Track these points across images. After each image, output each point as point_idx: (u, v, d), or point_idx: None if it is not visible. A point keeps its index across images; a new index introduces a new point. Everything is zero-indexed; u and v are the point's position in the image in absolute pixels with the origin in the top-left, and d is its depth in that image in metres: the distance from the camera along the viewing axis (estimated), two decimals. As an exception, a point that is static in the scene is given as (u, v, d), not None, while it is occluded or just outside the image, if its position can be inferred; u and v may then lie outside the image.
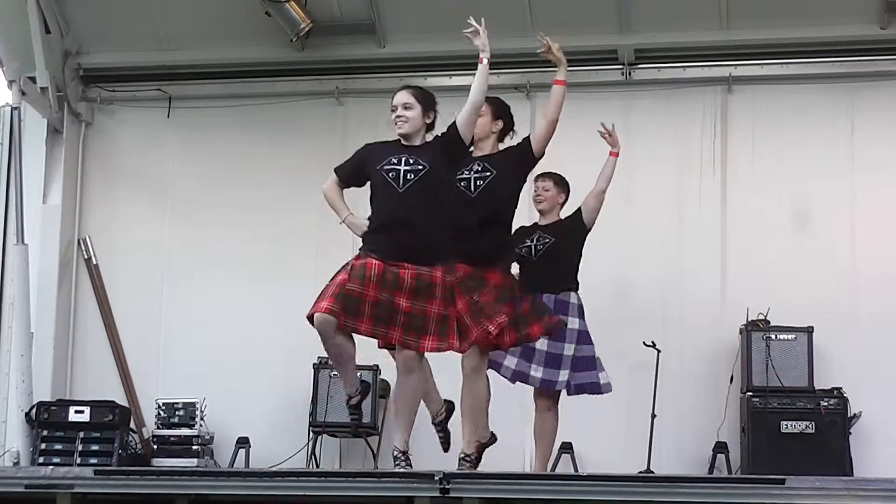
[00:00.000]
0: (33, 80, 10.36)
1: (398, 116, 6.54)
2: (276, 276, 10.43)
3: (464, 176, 6.80)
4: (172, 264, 10.70)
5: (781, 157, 10.09)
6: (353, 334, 6.40)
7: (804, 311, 9.55)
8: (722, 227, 10.08)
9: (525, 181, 7.15)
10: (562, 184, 7.78)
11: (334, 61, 10.57)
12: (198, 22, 10.57)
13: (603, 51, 10.34)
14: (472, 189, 6.77)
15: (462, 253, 6.56)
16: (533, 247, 7.49)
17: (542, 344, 7.21)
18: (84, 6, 10.65)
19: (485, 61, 6.56)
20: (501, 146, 7.09)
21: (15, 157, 10.32)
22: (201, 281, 10.58)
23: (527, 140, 7.02)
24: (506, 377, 7.31)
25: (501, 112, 7.12)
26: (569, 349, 7.34)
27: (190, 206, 10.76)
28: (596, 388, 7.44)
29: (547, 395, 7.42)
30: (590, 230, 7.73)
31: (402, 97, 6.58)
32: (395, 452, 6.50)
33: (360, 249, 6.48)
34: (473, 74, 10.41)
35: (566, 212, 7.87)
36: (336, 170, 6.69)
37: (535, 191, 7.58)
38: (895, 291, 9.70)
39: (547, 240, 7.50)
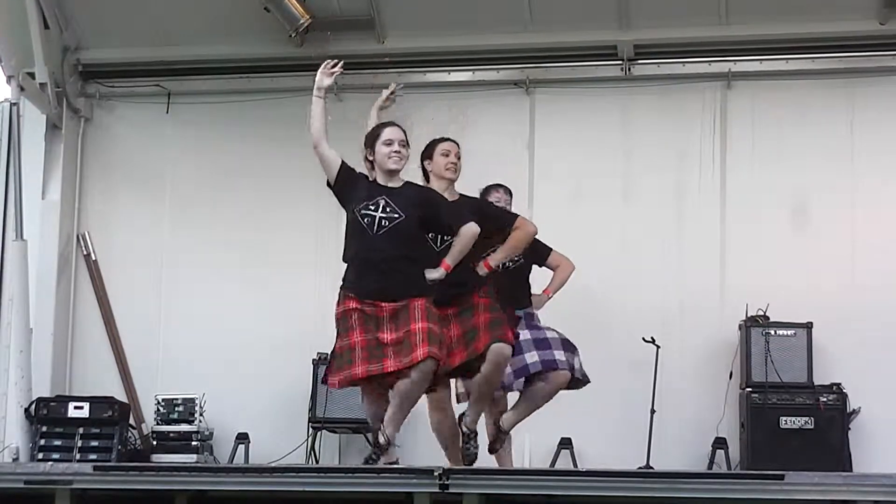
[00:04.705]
0: (32, 75, 10.35)
1: (396, 152, 6.50)
2: (276, 271, 10.44)
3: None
4: (171, 260, 10.70)
5: (781, 153, 10.09)
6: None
7: (803, 306, 9.55)
8: (721, 222, 10.08)
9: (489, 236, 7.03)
10: (510, 195, 7.74)
11: (333, 57, 10.49)
12: (197, 17, 10.55)
13: (602, 46, 10.34)
14: (439, 244, 6.71)
15: (444, 295, 6.51)
16: (501, 263, 7.45)
17: (525, 334, 7.23)
18: (83, 2, 10.64)
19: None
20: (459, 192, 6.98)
21: (14, 152, 10.31)
22: (200, 276, 10.58)
23: (498, 210, 6.97)
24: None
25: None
26: (551, 333, 7.34)
27: (189, 201, 10.75)
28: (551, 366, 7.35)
29: None
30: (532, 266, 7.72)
31: (400, 133, 6.55)
32: (383, 440, 6.44)
33: (340, 289, 6.48)
34: (472, 70, 10.58)
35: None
36: (343, 161, 6.58)
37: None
38: (894, 286, 9.70)
39: (517, 259, 7.44)
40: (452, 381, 7.06)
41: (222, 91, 10.77)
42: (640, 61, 10.35)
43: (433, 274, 6.43)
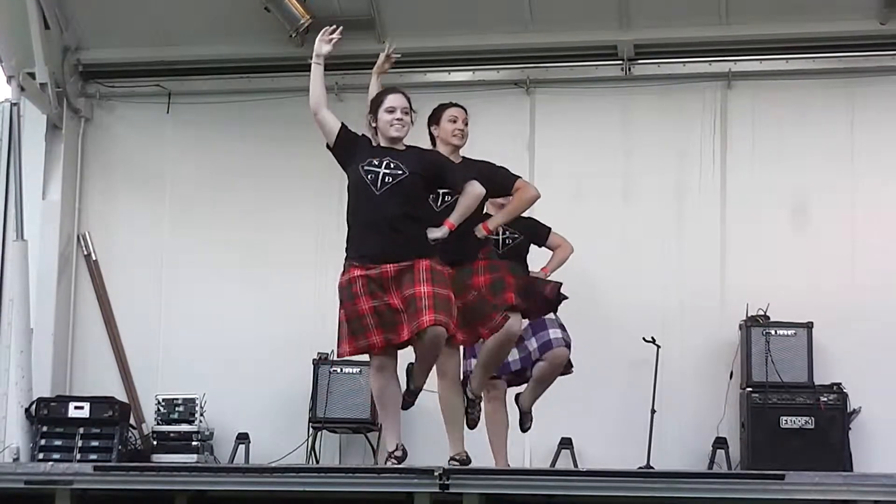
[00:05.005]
0: (32, 75, 10.35)
1: (398, 119, 6.50)
2: (276, 271, 10.43)
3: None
4: (172, 260, 10.70)
5: (781, 153, 10.09)
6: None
7: (804, 306, 9.55)
8: (721, 222, 10.09)
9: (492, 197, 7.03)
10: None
11: (334, 57, 10.32)
12: (197, 17, 10.56)
13: (602, 46, 10.34)
14: (439, 204, 6.71)
15: (444, 259, 6.50)
16: (501, 240, 7.48)
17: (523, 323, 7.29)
18: (83, 2, 10.64)
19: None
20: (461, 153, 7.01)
21: (14, 152, 10.31)
22: (201, 276, 10.58)
23: (502, 172, 6.94)
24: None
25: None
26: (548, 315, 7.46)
27: (189, 201, 10.75)
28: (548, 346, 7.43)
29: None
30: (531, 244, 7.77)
31: (403, 101, 6.56)
32: (413, 386, 6.51)
33: (345, 260, 6.46)
34: (472, 70, 10.58)
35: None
36: (343, 124, 6.58)
37: None
38: (894, 286, 9.70)
39: (517, 236, 7.52)
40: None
41: (222, 91, 10.77)
42: (640, 61, 10.35)
43: (436, 233, 6.40)
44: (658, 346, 9.45)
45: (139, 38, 10.72)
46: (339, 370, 9.70)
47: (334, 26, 6.69)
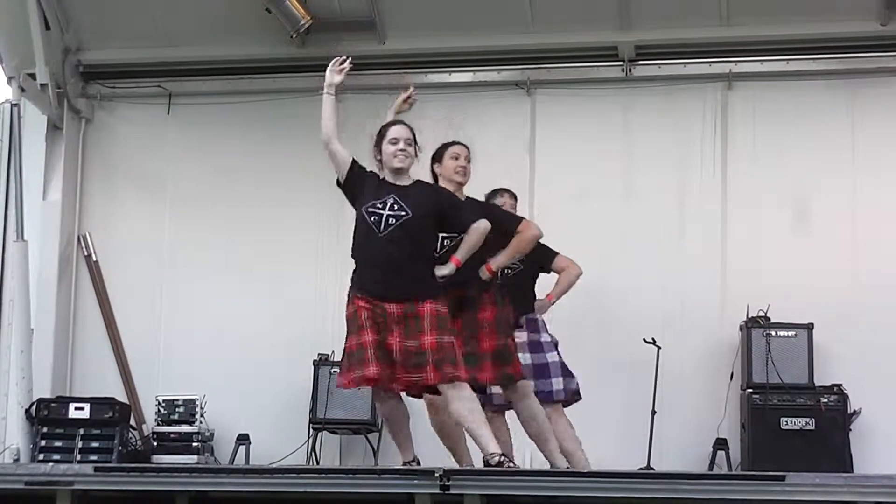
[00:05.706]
0: (33, 76, 10.36)
1: (401, 150, 6.47)
2: (277, 272, 10.43)
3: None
4: (172, 261, 10.70)
5: (782, 154, 10.09)
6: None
7: (804, 307, 9.55)
8: (722, 223, 10.08)
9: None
10: (515, 199, 7.74)
11: (334, 58, 10.55)
12: (198, 18, 10.56)
13: (603, 47, 10.34)
14: (438, 249, 6.68)
15: (448, 292, 6.51)
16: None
17: (525, 359, 7.25)
18: (84, 2, 10.65)
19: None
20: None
21: (15, 153, 10.32)
22: (201, 277, 10.58)
23: (506, 214, 7.04)
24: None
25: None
26: (552, 357, 7.47)
27: (190, 202, 10.76)
28: (548, 397, 7.43)
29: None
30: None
31: (406, 132, 6.53)
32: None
33: (349, 289, 6.48)
34: (473, 71, 10.59)
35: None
36: (354, 159, 6.55)
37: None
38: (895, 287, 9.70)
39: (516, 265, 7.43)
40: None
41: (223, 92, 10.77)
42: (640, 62, 10.35)
43: (443, 270, 6.42)
44: (658, 347, 9.45)
45: (140, 38, 10.73)
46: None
47: (344, 56, 6.66)
